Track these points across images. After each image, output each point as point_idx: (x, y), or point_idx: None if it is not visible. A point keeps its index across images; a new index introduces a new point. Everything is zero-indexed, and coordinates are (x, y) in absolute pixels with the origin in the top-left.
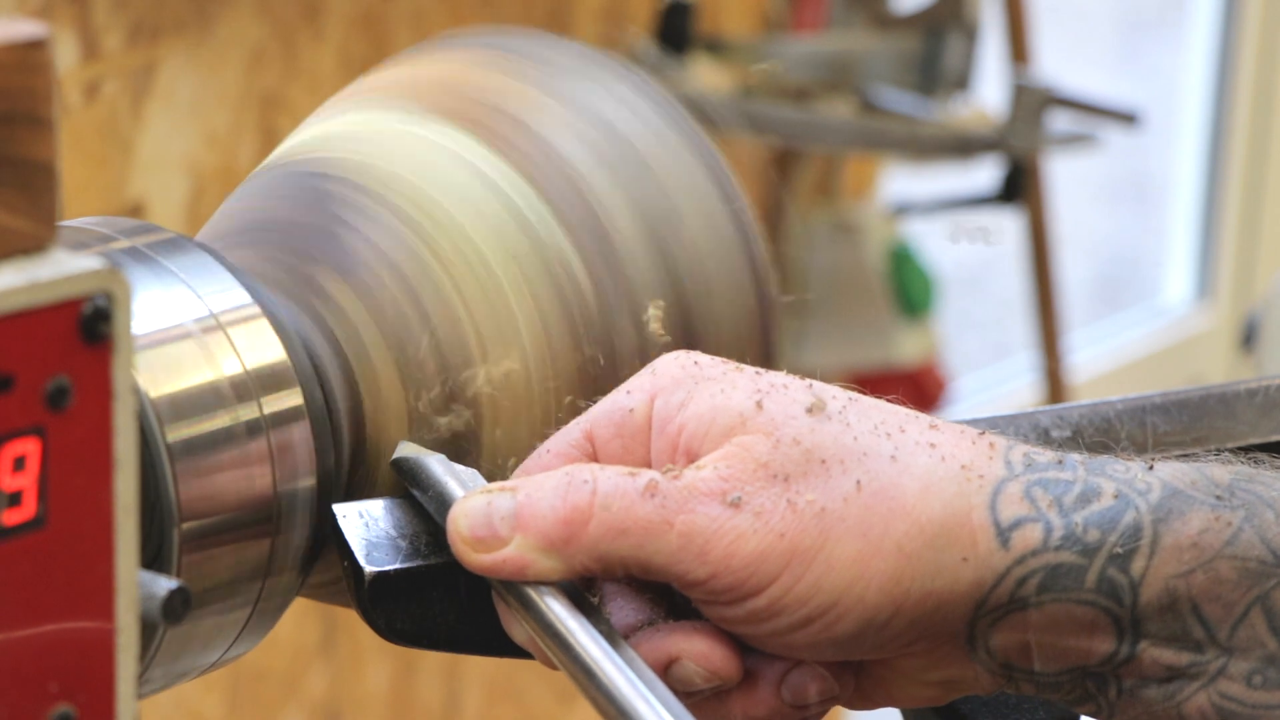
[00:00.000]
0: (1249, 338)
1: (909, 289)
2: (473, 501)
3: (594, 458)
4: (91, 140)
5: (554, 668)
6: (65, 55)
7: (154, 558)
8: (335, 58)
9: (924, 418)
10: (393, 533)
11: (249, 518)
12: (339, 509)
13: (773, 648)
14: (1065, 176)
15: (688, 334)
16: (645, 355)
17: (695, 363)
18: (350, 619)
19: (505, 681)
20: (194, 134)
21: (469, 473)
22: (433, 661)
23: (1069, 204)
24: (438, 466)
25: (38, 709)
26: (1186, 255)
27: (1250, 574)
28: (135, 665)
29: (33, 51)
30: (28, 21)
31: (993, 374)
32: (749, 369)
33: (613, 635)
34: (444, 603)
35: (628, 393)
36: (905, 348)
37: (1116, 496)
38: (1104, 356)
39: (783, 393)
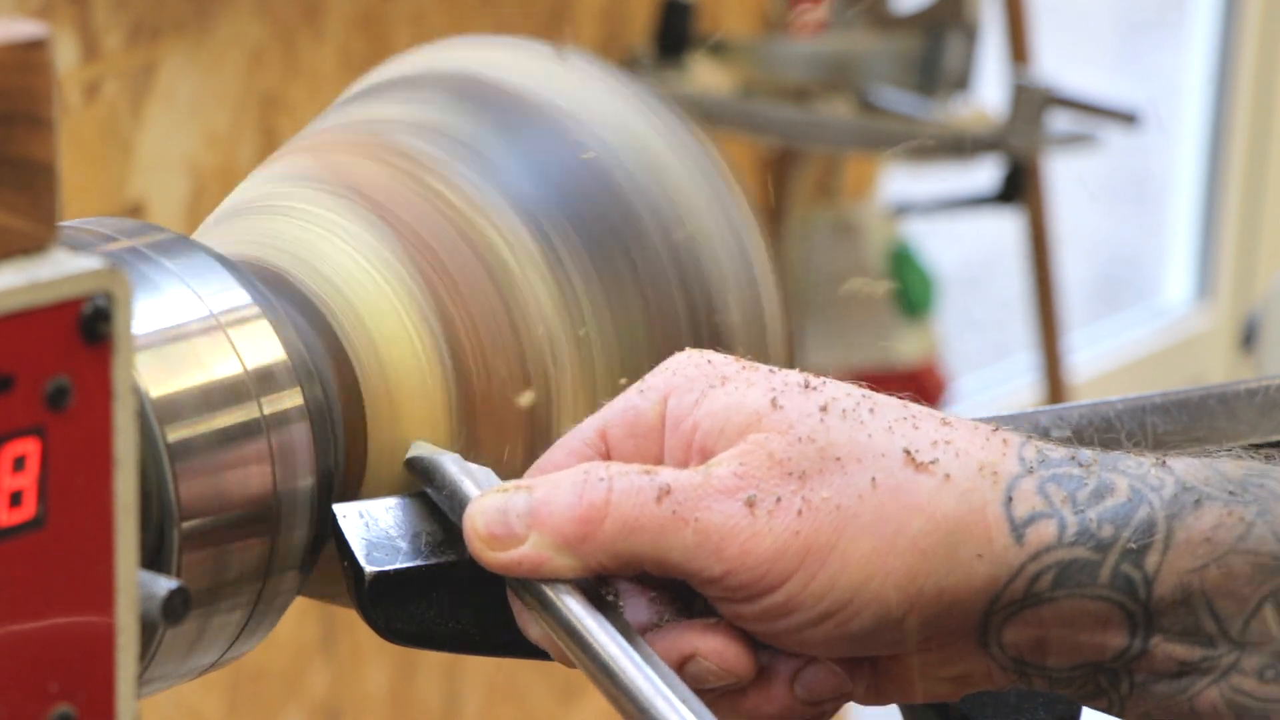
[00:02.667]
0: (1249, 338)
1: (909, 289)
2: (488, 500)
3: (607, 456)
4: (91, 140)
5: (571, 666)
6: (65, 55)
7: (154, 558)
8: (335, 58)
9: (937, 414)
10: (393, 533)
11: (249, 518)
12: (339, 509)
13: (787, 644)
14: (1065, 176)
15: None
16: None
17: (709, 361)
18: (350, 619)
19: (505, 681)
20: (194, 134)
21: (483, 471)
22: (433, 661)
23: (1069, 204)
24: (453, 466)
25: (38, 709)
26: (1186, 255)
27: (1264, 569)
28: (135, 665)
29: (33, 51)
30: (28, 21)
31: (993, 374)
32: (763, 368)
33: (630, 632)
34: (444, 603)
35: (641, 391)
36: (905, 348)
37: (1130, 492)
38: (1104, 356)
39: (797, 391)
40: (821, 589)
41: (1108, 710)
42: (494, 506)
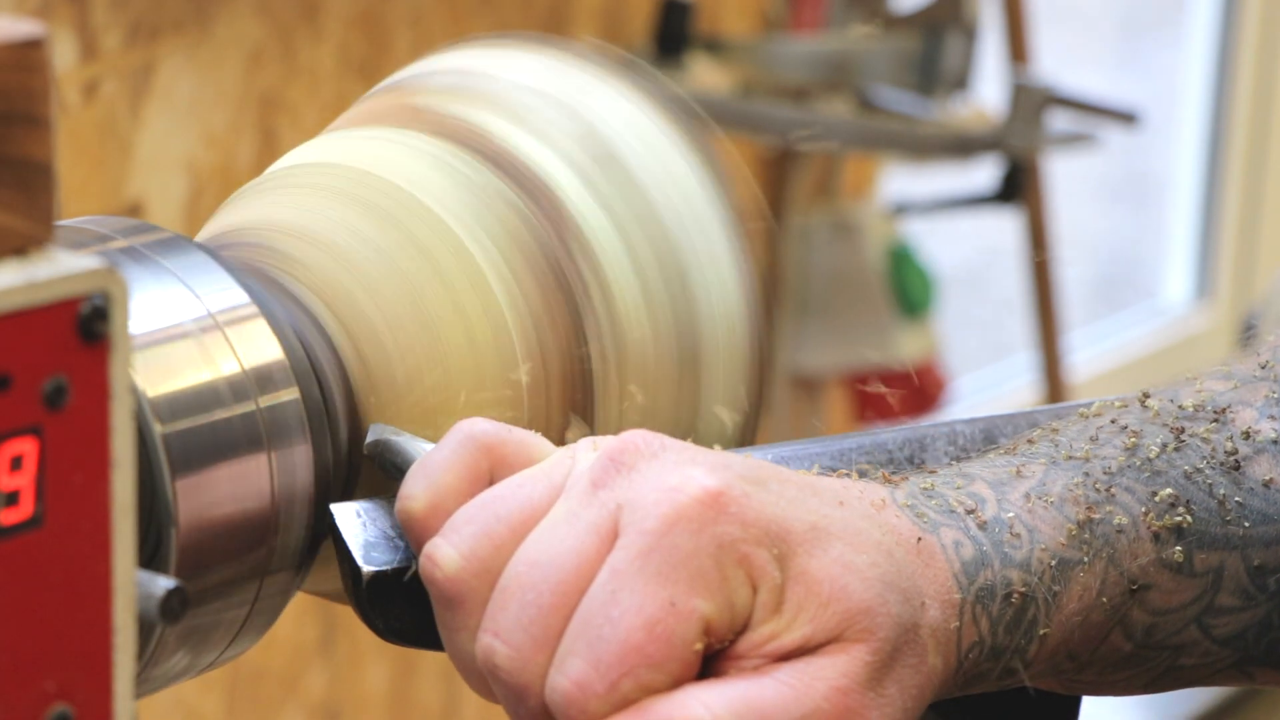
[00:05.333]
0: (1248, 337)
1: (908, 289)
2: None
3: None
4: (90, 140)
5: None
6: (64, 55)
7: (151, 557)
8: (334, 57)
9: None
10: (391, 532)
11: (247, 517)
12: (336, 508)
13: None
14: (1065, 176)
15: (681, 343)
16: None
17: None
18: (350, 618)
19: None
20: (193, 134)
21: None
22: (432, 661)
23: (1069, 204)
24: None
25: (35, 708)
26: (1186, 255)
27: (1113, 607)
28: (133, 665)
29: (30, 51)
30: (26, 21)
31: (992, 374)
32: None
33: None
34: None
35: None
36: (905, 347)
37: (1024, 594)
38: (1104, 356)
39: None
40: None
41: None
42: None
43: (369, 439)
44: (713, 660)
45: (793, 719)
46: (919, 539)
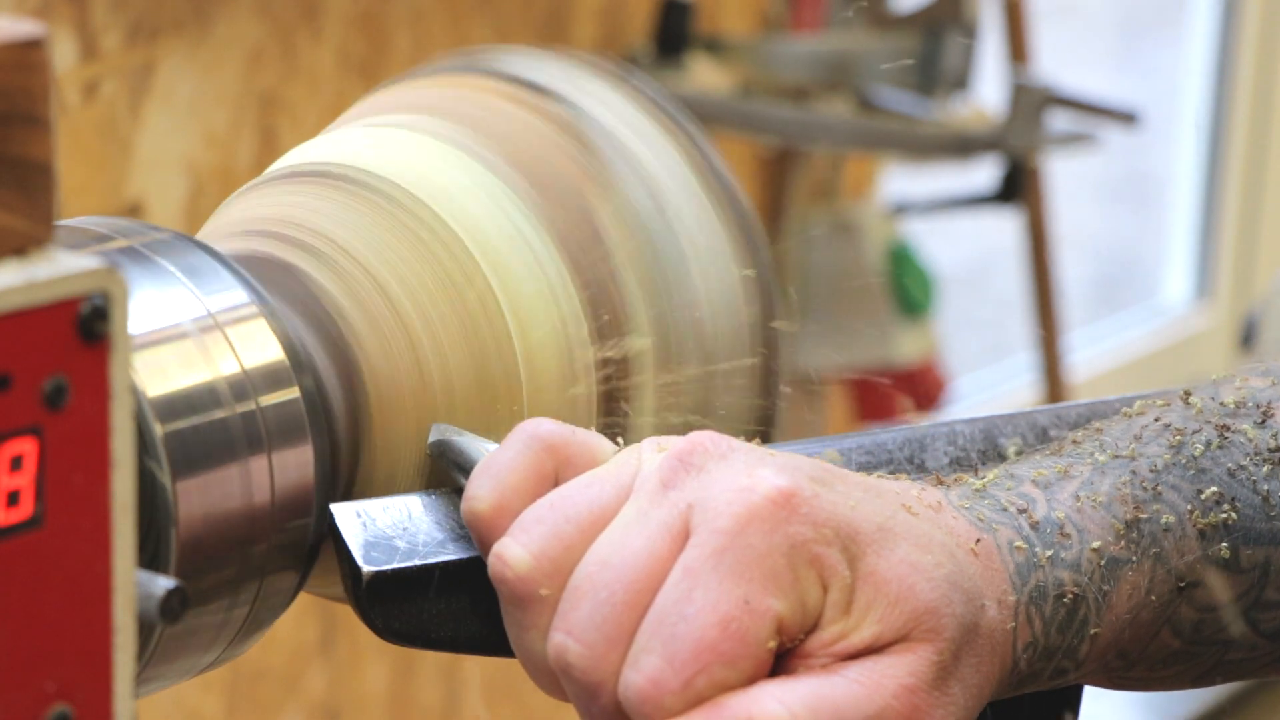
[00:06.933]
0: (1248, 337)
1: (908, 289)
2: None
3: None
4: (90, 140)
5: None
6: (64, 55)
7: (151, 557)
8: (334, 57)
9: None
10: (390, 532)
11: (247, 517)
12: (336, 508)
13: None
14: (1065, 176)
15: (680, 355)
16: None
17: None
18: (349, 618)
19: (505, 681)
20: (193, 133)
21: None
22: (432, 661)
23: (1069, 204)
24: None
25: (35, 708)
26: (1186, 255)
27: (1162, 605)
28: (133, 665)
29: (30, 51)
30: (26, 21)
31: (992, 374)
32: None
33: None
34: (442, 602)
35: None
36: (905, 347)
37: (1076, 595)
38: (1103, 356)
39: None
40: None
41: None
42: None
43: (431, 439)
44: (782, 658)
45: (864, 716)
46: (978, 539)
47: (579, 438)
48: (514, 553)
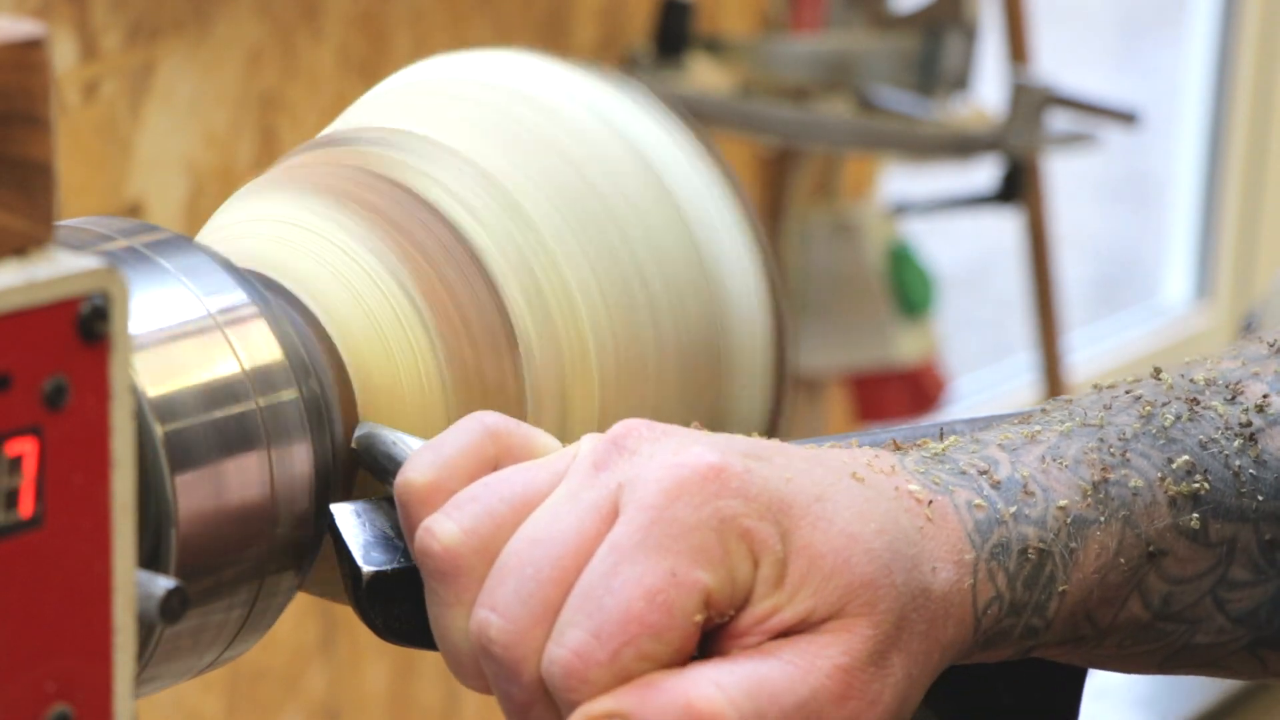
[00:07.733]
0: (1247, 335)
1: (908, 289)
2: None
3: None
4: (90, 140)
5: None
6: (64, 55)
7: (151, 557)
8: (334, 57)
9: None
10: (390, 532)
11: (246, 517)
12: (336, 508)
13: None
14: (1065, 176)
15: (683, 366)
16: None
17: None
18: (350, 618)
19: None
20: (193, 134)
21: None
22: (432, 661)
23: (1069, 204)
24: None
25: (35, 708)
26: (1186, 255)
27: (1131, 570)
28: (133, 665)
29: (30, 51)
30: (26, 21)
31: (992, 374)
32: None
33: None
34: None
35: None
36: (905, 347)
37: (1041, 550)
38: (1103, 356)
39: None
40: None
41: None
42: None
43: (357, 433)
44: (715, 635)
45: (799, 697)
46: (930, 501)
47: (523, 429)
48: (443, 526)
